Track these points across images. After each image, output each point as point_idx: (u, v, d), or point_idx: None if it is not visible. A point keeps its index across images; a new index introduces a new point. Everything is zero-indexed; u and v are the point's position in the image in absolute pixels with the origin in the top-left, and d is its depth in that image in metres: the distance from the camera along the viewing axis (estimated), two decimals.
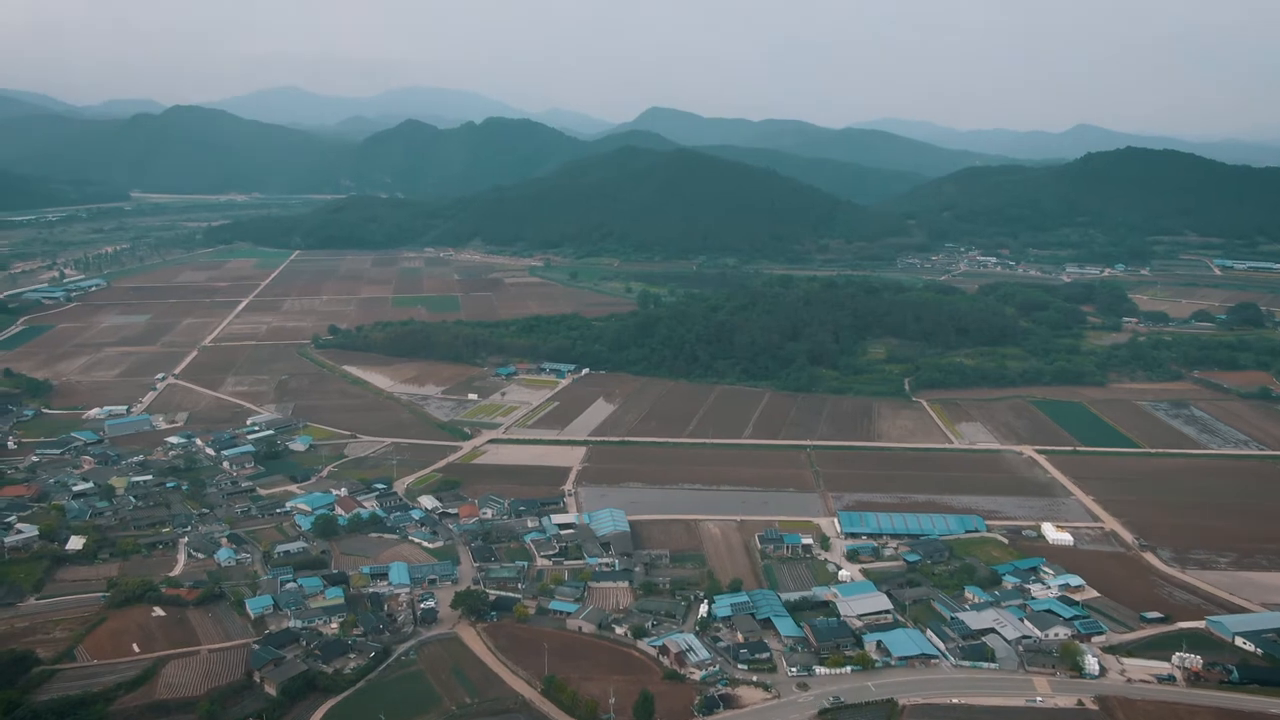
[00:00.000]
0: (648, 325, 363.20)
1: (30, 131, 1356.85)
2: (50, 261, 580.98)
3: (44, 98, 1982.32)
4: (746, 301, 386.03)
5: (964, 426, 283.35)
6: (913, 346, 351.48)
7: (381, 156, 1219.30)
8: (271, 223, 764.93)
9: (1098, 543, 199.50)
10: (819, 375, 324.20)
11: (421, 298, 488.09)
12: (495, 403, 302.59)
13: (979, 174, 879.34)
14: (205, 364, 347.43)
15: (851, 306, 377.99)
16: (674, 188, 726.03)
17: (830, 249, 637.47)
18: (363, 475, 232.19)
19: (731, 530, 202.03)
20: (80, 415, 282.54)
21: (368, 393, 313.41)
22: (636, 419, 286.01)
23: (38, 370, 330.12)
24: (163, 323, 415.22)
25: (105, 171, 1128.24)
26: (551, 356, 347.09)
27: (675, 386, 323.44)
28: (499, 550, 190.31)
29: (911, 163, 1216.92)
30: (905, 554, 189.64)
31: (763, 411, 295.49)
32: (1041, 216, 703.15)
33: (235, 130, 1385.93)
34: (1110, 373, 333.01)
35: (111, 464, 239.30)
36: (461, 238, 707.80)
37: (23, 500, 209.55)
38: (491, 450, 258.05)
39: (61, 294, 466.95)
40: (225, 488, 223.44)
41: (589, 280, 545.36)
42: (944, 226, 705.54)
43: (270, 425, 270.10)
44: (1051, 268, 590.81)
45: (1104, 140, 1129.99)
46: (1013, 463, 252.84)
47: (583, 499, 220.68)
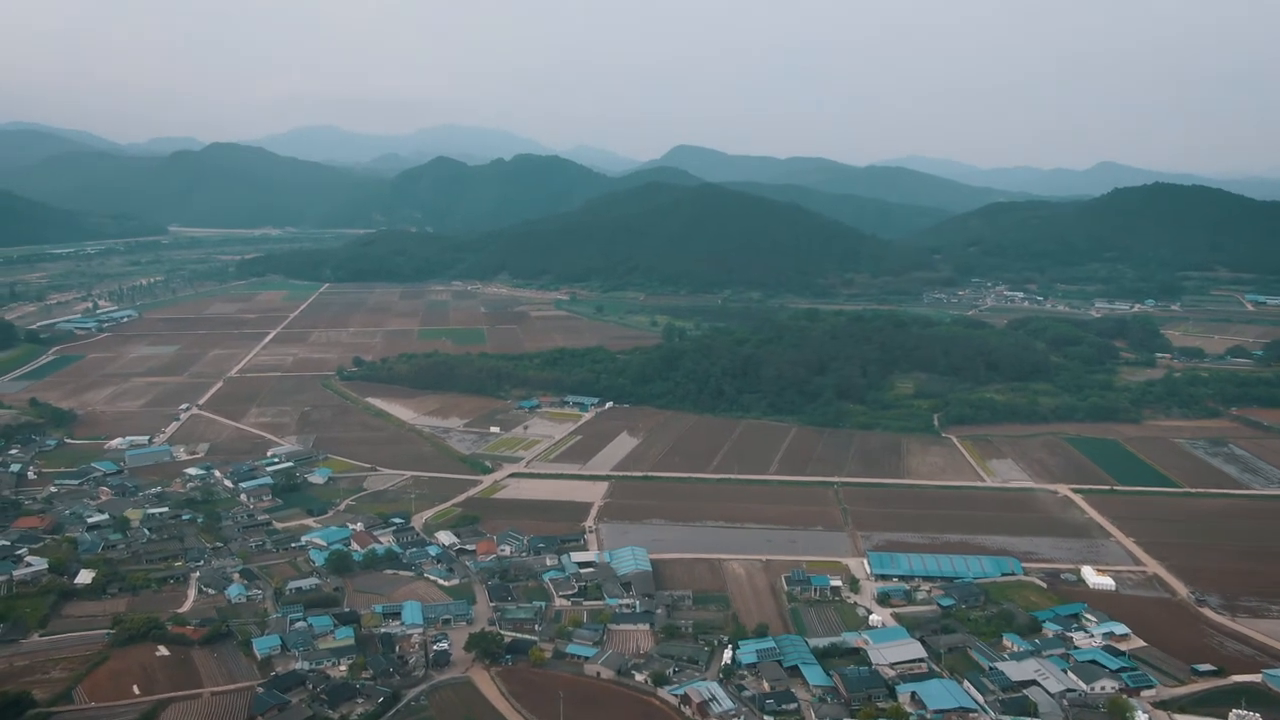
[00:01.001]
0: (672, 358, 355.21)
1: (75, 168, 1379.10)
2: (86, 293, 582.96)
3: (90, 135, 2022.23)
4: (772, 335, 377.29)
5: (995, 464, 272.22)
6: (942, 381, 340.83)
7: (412, 192, 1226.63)
8: (302, 256, 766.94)
9: (1141, 588, 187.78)
10: (846, 410, 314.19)
11: (447, 330, 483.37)
12: (518, 436, 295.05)
13: (1005, 209, 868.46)
14: (230, 395, 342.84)
15: (879, 340, 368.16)
16: (699, 222, 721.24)
17: (855, 283, 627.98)
18: (380, 509, 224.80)
19: (757, 570, 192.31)
20: (102, 445, 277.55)
21: (389, 425, 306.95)
22: (660, 453, 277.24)
23: (64, 400, 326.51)
24: (190, 353, 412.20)
25: (145, 206, 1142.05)
26: (575, 389, 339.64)
27: (700, 421, 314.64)
28: (516, 589, 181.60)
29: (935, 199, 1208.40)
30: (938, 598, 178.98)
31: (789, 447, 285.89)
32: (1069, 252, 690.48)
33: (272, 167, 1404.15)
34: (1145, 409, 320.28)
35: (129, 495, 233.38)
36: (489, 271, 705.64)
37: (35, 532, 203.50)
38: (512, 485, 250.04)
39: (93, 324, 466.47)
40: (241, 521, 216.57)
41: (614, 314, 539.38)
42: (970, 261, 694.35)
43: (290, 457, 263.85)
44: (1080, 303, 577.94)
45: (1128, 178, 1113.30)
46: (1047, 502, 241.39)
47: (604, 536, 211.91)
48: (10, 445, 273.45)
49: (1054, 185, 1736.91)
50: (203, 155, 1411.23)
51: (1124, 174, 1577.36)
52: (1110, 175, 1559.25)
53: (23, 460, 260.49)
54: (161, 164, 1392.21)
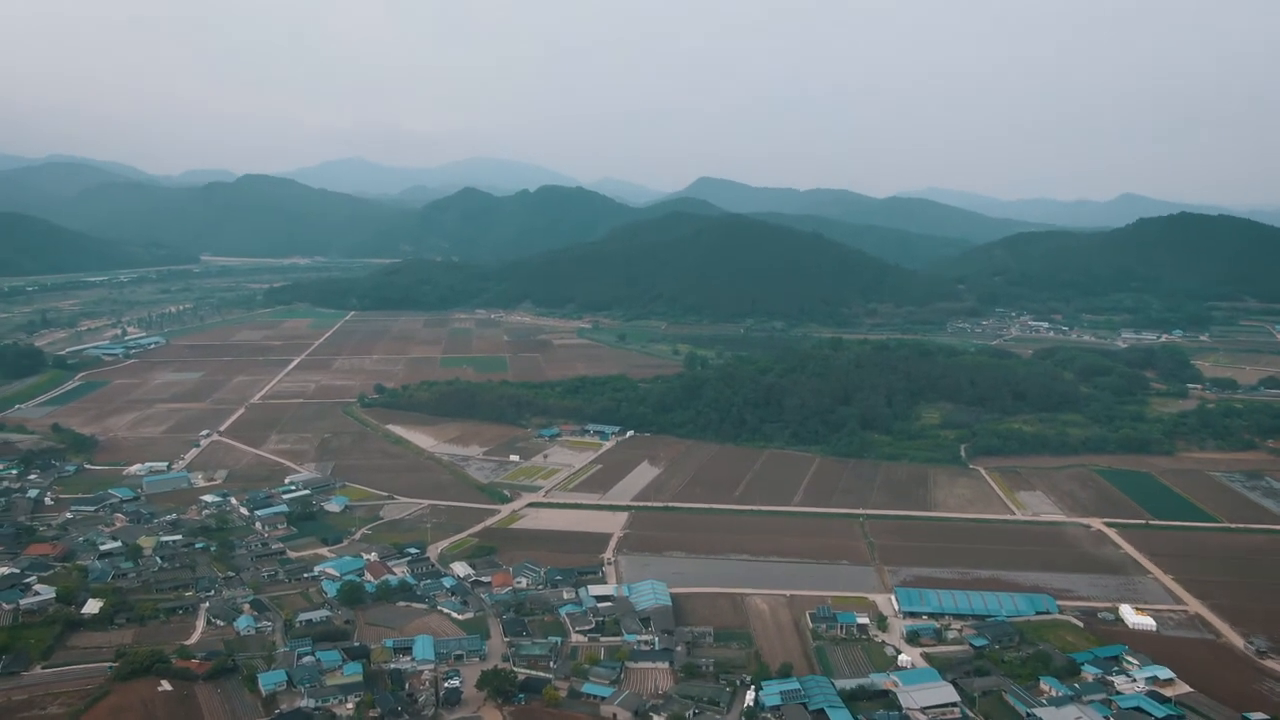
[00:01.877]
0: (694, 387, 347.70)
1: (111, 199, 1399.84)
2: (116, 320, 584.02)
3: (129, 168, 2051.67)
4: (795, 364, 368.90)
5: (1025, 496, 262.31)
6: (968, 412, 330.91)
7: (439, 223, 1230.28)
8: (329, 284, 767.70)
9: (1183, 628, 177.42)
10: (871, 440, 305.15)
11: (470, 358, 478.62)
12: (537, 465, 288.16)
13: (1029, 239, 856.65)
14: (251, 421, 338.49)
15: (904, 370, 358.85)
16: (722, 252, 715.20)
17: (879, 313, 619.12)
18: (396, 539, 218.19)
19: (780, 606, 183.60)
20: (121, 471, 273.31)
21: (408, 452, 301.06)
22: (681, 484, 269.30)
23: (87, 425, 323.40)
24: (214, 380, 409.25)
25: (178, 236, 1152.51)
26: (596, 418, 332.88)
27: (722, 450, 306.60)
28: (532, 624, 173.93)
29: (957, 230, 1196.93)
30: (970, 637, 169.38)
31: (812, 477, 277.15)
32: (1094, 282, 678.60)
33: (302, 198, 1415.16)
34: (1179, 441, 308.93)
35: (144, 522, 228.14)
36: (512, 300, 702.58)
37: (47, 559, 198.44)
38: (531, 514, 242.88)
39: (120, 351, 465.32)
40: (255, 549, 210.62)
41: (637, 342, 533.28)
42: (994, 291, 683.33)
43: (307, 485, 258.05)
44: (1106, 333, 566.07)
45: (1151, 209, 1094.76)
46: (1080, 536, 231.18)
47: (623, 568, 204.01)
48: (30, 470, 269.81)
49: (1076, 217, 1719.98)
50: (235, 186, 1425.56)
51: (1147, 205, 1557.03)
52: (1133, 207, 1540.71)
53: (41, 486, 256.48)
54: (195, 195, 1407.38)
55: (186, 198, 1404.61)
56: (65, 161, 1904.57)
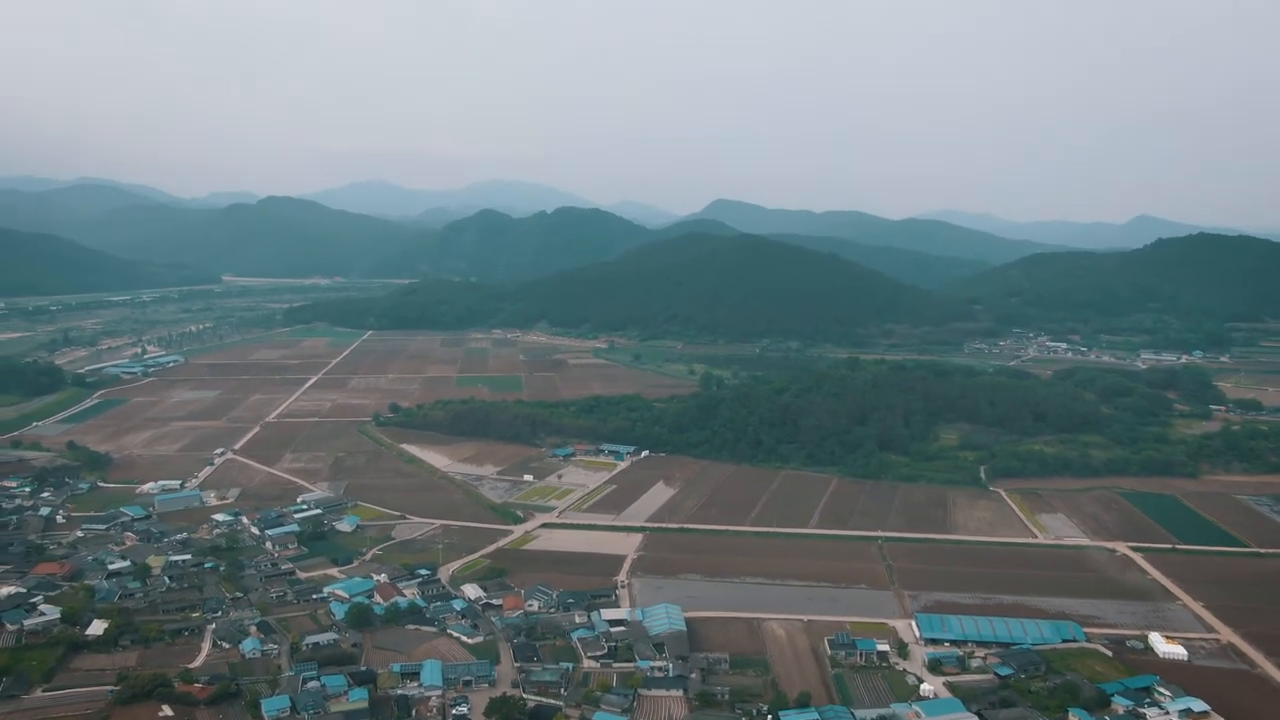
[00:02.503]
0: (710, 407, 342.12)
1: (136, 220, 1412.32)
2: (136, 339, 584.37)
3: (154, 190, 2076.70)
4: (812, 384, 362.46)
5: (1046, 518, 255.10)
6: (987, 433, 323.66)
7: (458, 244, 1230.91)
8: (347, 304, 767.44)
9: (1215, 657, 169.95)
10: (888, 461, 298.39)
11: (485, 377, 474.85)
12: (551, 485, 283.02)
13: (1045, 260, 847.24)
14: (266, 440, 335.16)
15: (922, 390, 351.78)
16: (738, 272, 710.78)
17: (895, 333, 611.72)
18: (407, 560, 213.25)
19: (798, 632, 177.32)
20: (135, 489, 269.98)
21: (422, 472, 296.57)
22: (696, 505, 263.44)
23: (103, 443, 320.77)
24: (231, 398, 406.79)
25: (200, 256, 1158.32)
26: (611, 438, 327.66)
27: (737, 471, 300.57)
28: (543, 648, 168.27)
29: (972, 252, 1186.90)
30: (995, 666, 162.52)
31: (829, 499, 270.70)
32: (1112, 302, 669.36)
33: (323, 219, 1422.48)
34: (1203, 463, 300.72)
35: (154, 541, 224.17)
36: (529, 319, 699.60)
37: (54, 578, 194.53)
38: (544, 535, 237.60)
39: (139, 369, 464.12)
40: (264, 570, 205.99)
41: (652, 362, 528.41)
42: (1011, 312, 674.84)
43: (319, 504, 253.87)
44: (1125, 354, 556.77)
45: (1167, 231, 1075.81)
46: (1105, 561, 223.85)
47: (637, 591, 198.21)
48: (44, 488, 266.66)
49: (1091, 238, 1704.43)
50: (257, 208, 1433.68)
51: (1163, 228, 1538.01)
52: (1149, 228, 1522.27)
53: (53, 503, 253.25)
54: (217, 216, 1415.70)
55: (209, 219, 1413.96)
56: (93, 184, 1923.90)
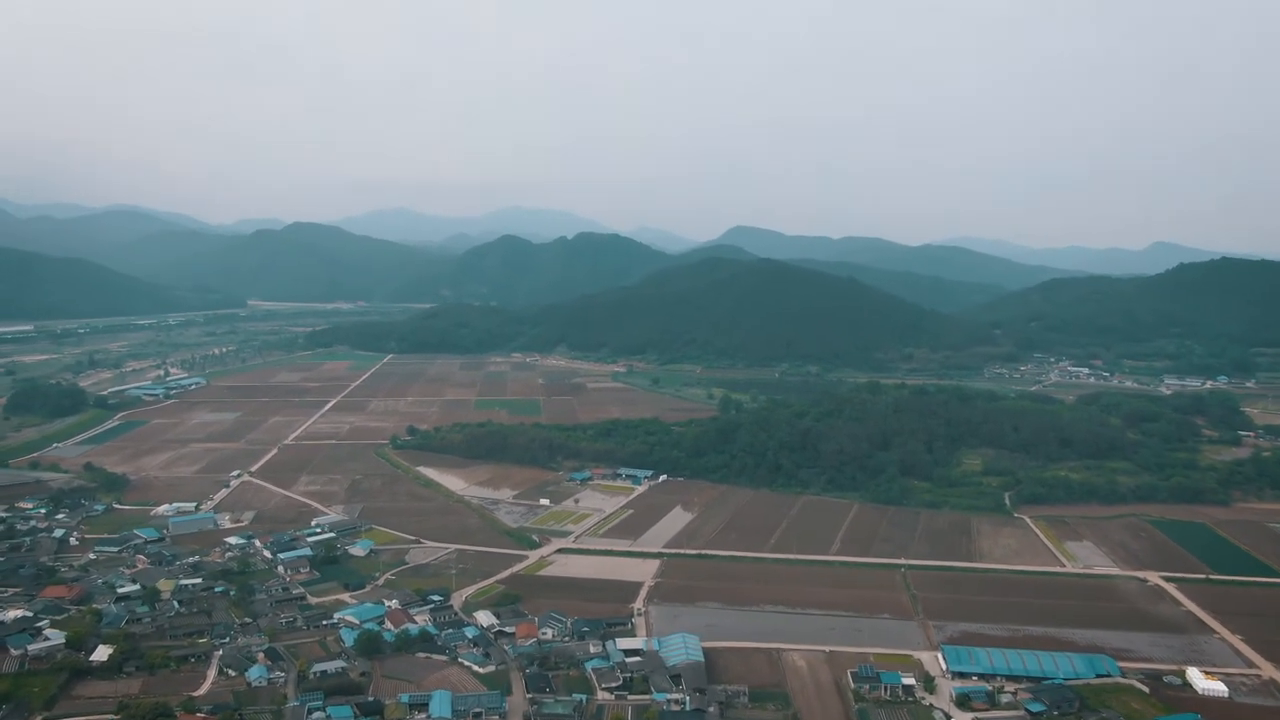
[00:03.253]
0: (728, 431, 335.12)
1: (166, 246, 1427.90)
2: (160, 361, 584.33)
3: (184, 217, 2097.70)
4: (832, 408, 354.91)
5: (1074, 546, 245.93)
6: (1011, 458, 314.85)
7: (479, 269, 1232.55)
8: (369, 327, 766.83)
9: (1258, 694, 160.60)
10: (911, 487, 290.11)
11: (504, 401, 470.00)
12: (567, 509, 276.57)
13: (1065, 284, 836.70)
14: (283, 462, 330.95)
15: (944, 415, 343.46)
16: (756, 297, 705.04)
17: (915, 358, 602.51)
18: (419, 585, 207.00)
19: (819, 663, 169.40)
20: (150, 511, 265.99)
21: (438, 495, 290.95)
22: (715, 530, 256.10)
23: (121, 465, 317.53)
24: (250, 420, 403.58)
25: (227, 281, 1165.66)
26: (628, 462, 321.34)
27: (757, 496, 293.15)
28: (556, 679, 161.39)
29: (990, 277, 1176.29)
30: (1026, 702, 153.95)
31: (851, 525, 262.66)
32: (1134, 327, 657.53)
33: (346, 245, 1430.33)
34: (1234, 490, 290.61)
35: (166, 564, 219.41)
36: (548, 343, 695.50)
37: (62, 602, 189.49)
38: (559, 561, 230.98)
39: (161, 391, 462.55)
40: (275, 594, 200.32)
41: (671, 386, 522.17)
42: (1031, 336, 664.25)
43: (334, 527, 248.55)
44: (1149, 379, 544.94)
45: (1186, 257, 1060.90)
46: (1136, 591, 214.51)
47: (653, 619, 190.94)
48: (59, 509, 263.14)
49: (1109, 265, 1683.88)
50: (283, 234, 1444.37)
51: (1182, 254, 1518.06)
52: (1167, 255, 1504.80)
53: (68, 525, 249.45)
54: (244, 242, 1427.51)
55: (236, 245, 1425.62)
56: (125, 210, 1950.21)
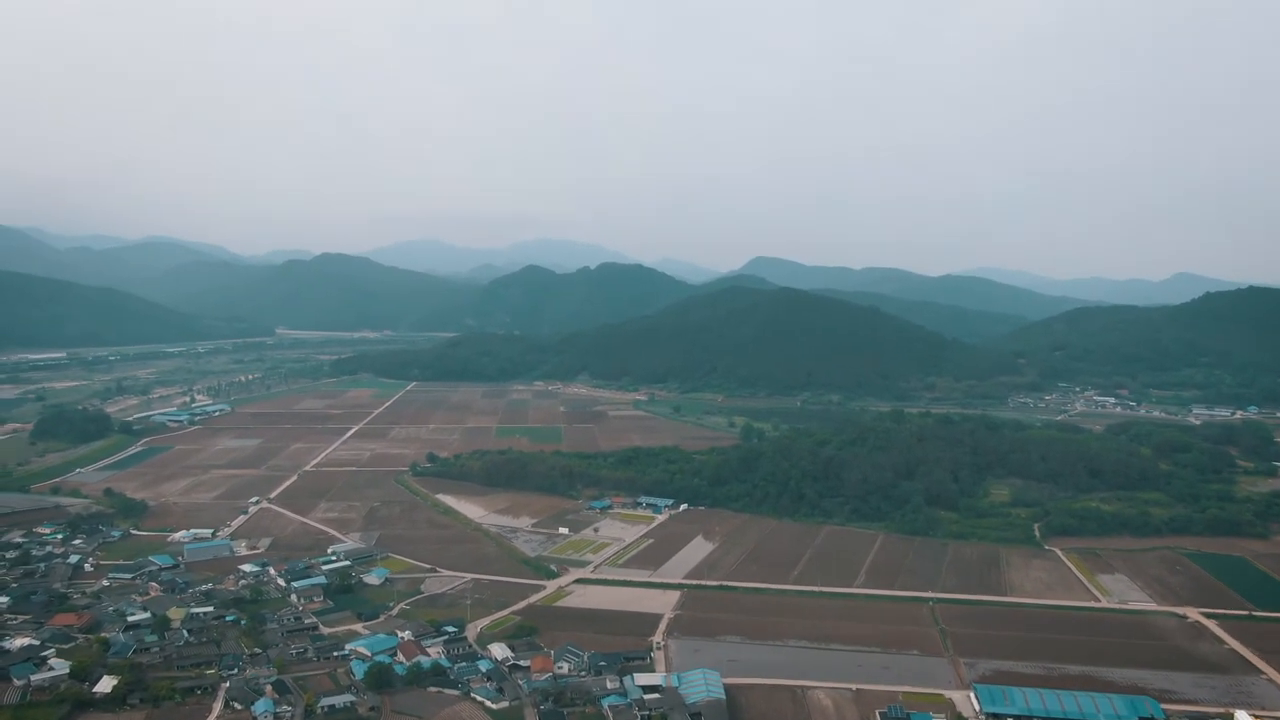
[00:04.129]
0: (750, 459, 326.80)
1: (198, 276, 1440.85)
2: (187, 388, 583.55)
3: (217, 248, 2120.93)
4: (855, 436, 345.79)
5: (1107, 580, 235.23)
6: (1040, 488, 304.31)
7: (503, 299, 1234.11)
8: (393, 355, 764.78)
9: None
10: (937, 518, 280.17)
11: (525, 428, 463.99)
12: (586, 538, 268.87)
13: (1090, 313, 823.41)
14: (302, 489, 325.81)
15: (970, 444, 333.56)
16: (777, 325, 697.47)
17: (938, 387, 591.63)
18: (434, 616, 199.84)
19: (846, 702, 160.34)
20: (166, 538, 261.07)
21: (456, 523, 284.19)
22: (736, 561, 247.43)
23: (141, 490, 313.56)
24: (272, 447, 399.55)
25: (256, 310, 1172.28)
26: (649, 490, 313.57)
27: (779, 526, 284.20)
28: (571, 715, 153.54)
29: (1011, 307, 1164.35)
30: None
31: (876, 556, 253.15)
32: (1161, 356, 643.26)
33: (374, 275, 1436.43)
34: (1273, 523, 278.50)
35: (179, 591, 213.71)
36: (570, 372, 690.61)
37: (70, 630, 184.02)
38: (577, 591, 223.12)
39: (185, 417, 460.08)
40: (286, 624, 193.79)
41: (692, 414, 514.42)
42: (1056, 365, 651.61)
43: (349, 555, 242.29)
44: (1177, 409, 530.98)
45: (1209, 288, 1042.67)
46: (1175, 628, 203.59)
47: (673, 654, 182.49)
48: (76, 535, 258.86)
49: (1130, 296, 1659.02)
50: (312, 264, 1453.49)
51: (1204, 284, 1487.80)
52: (1189, 286, 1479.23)
53: (84, 551, 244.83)
54: (274, 272, 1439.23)
55: (266, 275, 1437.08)
56: (160, 242, 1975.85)
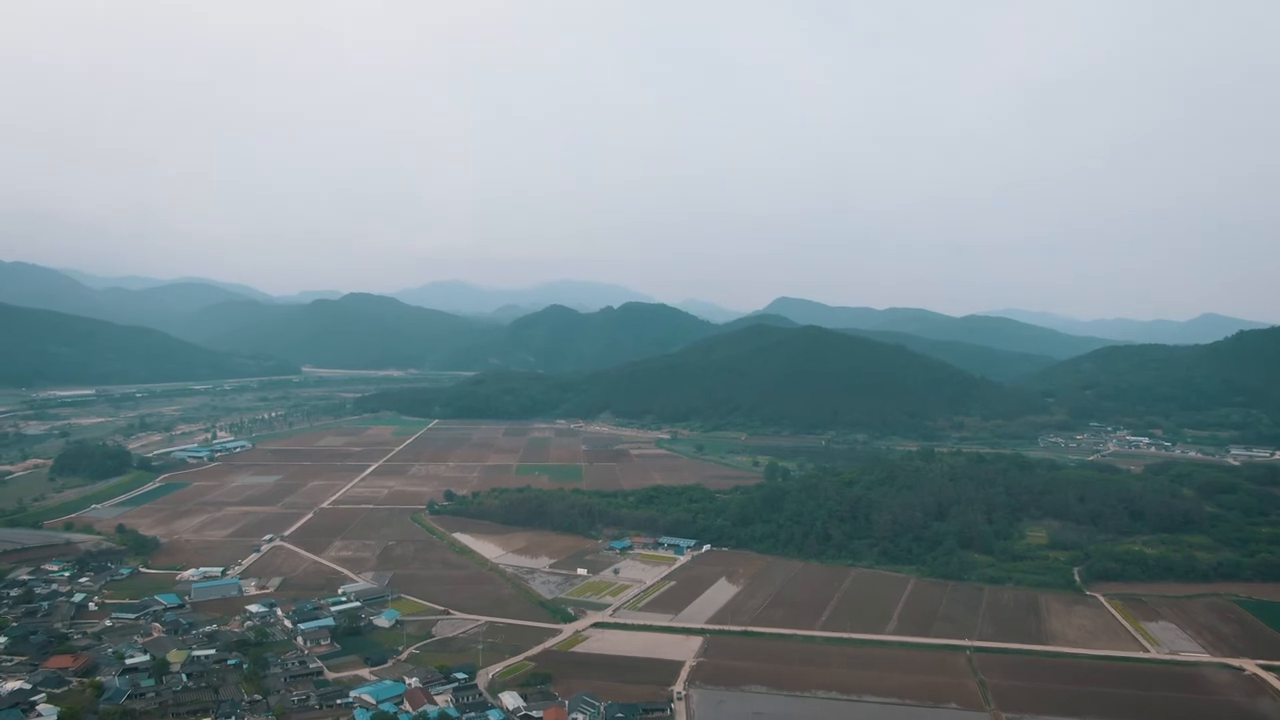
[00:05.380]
0: (775, 499, 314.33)
1: (228, 315, 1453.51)
2: (209, 425, 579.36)
3: (248, 289, 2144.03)
4: (884, 475, 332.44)
5: (1154, 628, 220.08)
6: (1079, 531, 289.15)
7: (527, 338, 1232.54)
8: (415, 393, 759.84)
9: None
10: (971, 560, 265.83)
11: (546, 466, 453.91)
12: (606, 580, 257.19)
13: (1120, 352, 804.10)
14: (317, 526, 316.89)
15: (1004, 483, 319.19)
16: (801, 364, 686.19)
17: (965, 426, 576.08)
18: (444, 661, 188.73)
19: None
20: (175, 576, 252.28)
21: (472, 563, 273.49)
22: (761, 605, 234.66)
23: (154, 527, 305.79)
24: (290, 484, 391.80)
25: (283, 348, 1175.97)
26: (671, 530, 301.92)
27: (805, 568, 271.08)
28: None
29: (1036, 347, 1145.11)
30: None
31: (908, 601, 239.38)
32: (1194, 396, 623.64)
33: (400, 315, 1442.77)
34: None
35: (182, 632, 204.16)
36: (593, 410, 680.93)
37: (63, 674, 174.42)
38: (595, 636, 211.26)
39: (206, 454, 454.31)
40: (290, 668, 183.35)
41: (715, 453, 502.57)
42: (1086, 405, 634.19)
43: (360, 596, 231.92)
44: (1213, 449, 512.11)
45: (1235, 328, 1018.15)
46: (1231, 681, 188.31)
47: (694, 705, 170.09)
48: (84, 573, 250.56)
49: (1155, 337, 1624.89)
50: (339, 304, 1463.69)
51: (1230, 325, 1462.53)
52: (1215, 327, 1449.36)
53: (90, 590, 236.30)
54: (302, 311, 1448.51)
55: (294, 314, 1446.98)
56: (192, 283, 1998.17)
